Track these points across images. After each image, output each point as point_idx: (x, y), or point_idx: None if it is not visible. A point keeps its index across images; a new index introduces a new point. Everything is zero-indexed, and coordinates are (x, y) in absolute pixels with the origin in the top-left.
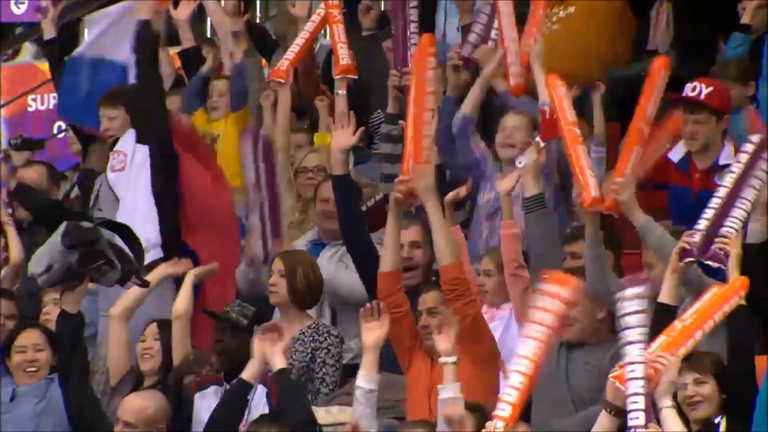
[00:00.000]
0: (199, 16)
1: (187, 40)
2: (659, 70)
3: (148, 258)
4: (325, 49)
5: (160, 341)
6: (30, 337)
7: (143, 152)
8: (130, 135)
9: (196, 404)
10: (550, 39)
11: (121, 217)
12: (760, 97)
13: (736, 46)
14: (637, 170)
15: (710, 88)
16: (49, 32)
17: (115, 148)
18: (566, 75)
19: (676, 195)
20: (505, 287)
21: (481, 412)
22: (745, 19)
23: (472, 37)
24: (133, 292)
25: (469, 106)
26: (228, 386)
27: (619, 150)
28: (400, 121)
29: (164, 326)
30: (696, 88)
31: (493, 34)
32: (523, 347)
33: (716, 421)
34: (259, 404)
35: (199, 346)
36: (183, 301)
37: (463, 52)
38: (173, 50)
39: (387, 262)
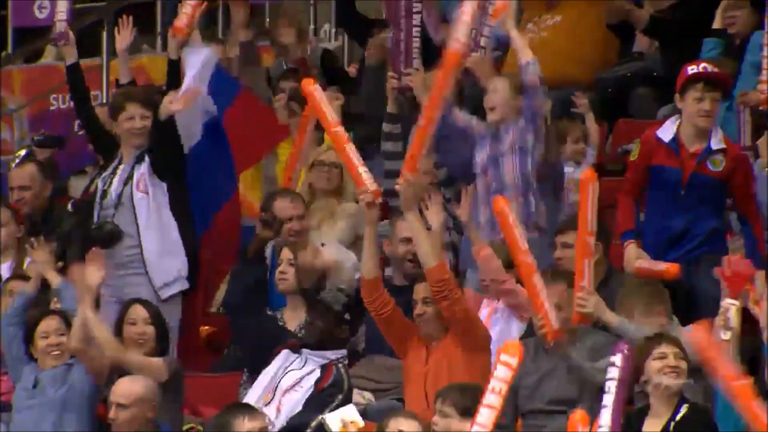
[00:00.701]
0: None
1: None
2: (587, 183)
3: (174, 289)
4: (319, 50)
5: (153, 325)
6: (51, 324)
7: (163, 191)
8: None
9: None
10: (540, 45)
11: (149, 243)
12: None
13: (709, 50)
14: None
15: (716, 69)
16: (70, 56)
17: (141, 170)
18: (556, 78)
19: (663, 174)
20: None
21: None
22: (716, 24)
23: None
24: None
25: None
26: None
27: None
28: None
29: (150, 307)
30: (709, 69)
31: (483, 41)
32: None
33: None
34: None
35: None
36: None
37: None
38: None
39: (369, 269)
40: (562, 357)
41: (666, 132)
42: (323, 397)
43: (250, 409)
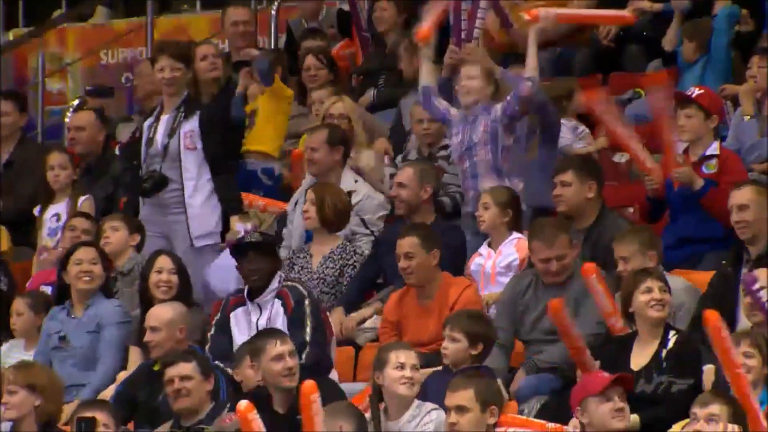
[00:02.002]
0: None
1: None
2: None
3: (208, 241)
4: (334, 11)
5: (177, 275)
6: (86, 252)
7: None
8: (197, 119)
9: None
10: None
11: (192, 194)
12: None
13: None
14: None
15: (701, 91)
16: None
17: (189, 127)
18: (556, 37)
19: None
20: (500, 221)
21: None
22: None
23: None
24: None
25: (425, 78)
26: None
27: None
28: None
29: (175, 258)
30: (690, 91)
31: (476, 32)
32: None
33: None
34: (277, 317)
35: None
36: None
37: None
38: None
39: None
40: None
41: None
42: (297, 316)
43: (281, 334)
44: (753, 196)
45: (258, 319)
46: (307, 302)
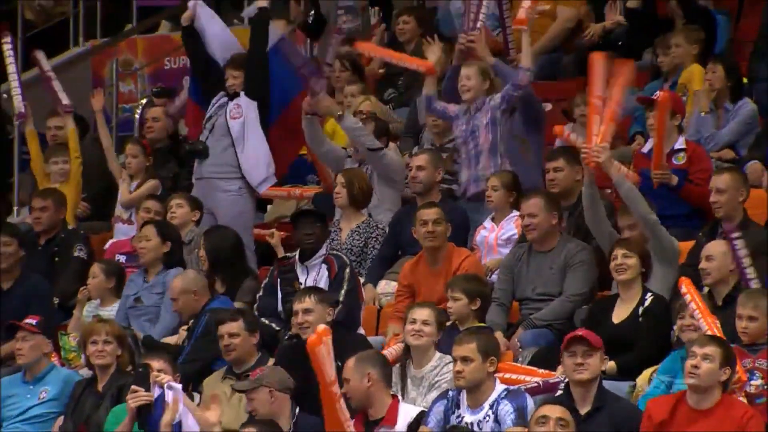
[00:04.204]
0: None
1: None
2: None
3: (268, 184)
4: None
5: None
6: (144, 230)
7: (253, 109)
8: (243, 94)
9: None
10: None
11: (242, 153)
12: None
13: None
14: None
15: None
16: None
17: (236, 101)
18: (546, 45)
19: (644, 174)
20: (506, 200)
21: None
22: None
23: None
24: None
25: (426, 89)
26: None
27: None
28: None
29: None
30: (656, 95)
31: (479, 24)
32: None
33: None
34: (321, 279)
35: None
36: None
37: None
38: None
39: None
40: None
41: (646, 147)
42: (338, 280)
43: (304, 293)
44: (730, 182)
45: (306, 279)
46: (347, 270)
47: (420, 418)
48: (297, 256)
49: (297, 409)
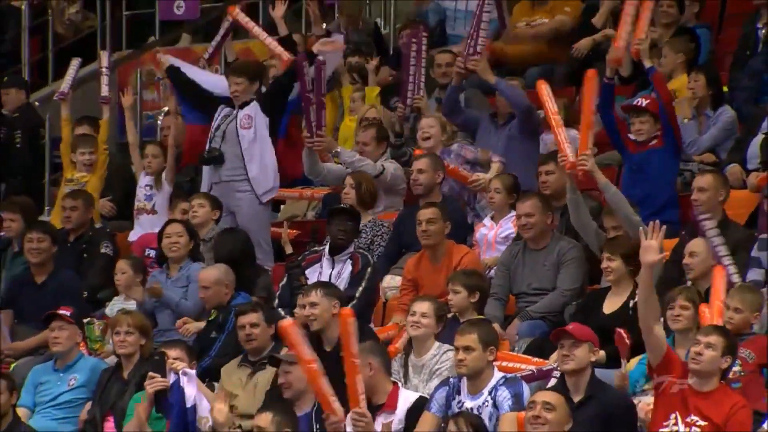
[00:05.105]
0: (294, 15)
1: (282, 31)
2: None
3: (271, 195)
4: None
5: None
6: (174, 228)
7: (263, 120)
8: (255, 105)
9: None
10: (532, 36)
11: (251, 162)
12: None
13: None
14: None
15: (648, 101)
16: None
17: (246, 111)
18: (542, 57)
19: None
20: (506, 202)
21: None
22: None
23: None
24: None
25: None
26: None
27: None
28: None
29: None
30: (639, 101)
31: (479, 48)
32: None
33: None
34: (344, 273)
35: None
36: None
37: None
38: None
39: None
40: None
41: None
42: (359, 277)
43: (313, 288)
44: (712, 182)
45: (331, 273)
46: (369, 269)
47: (419, 404)
48: (327, 249)
49: None
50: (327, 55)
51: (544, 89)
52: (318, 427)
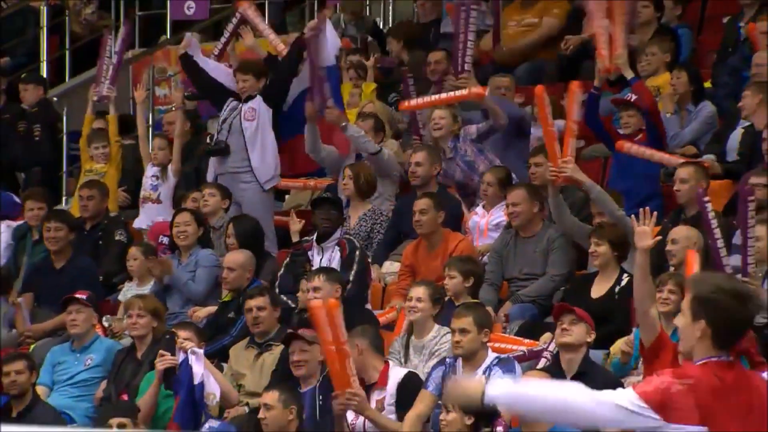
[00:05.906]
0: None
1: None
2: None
3: (273, 183)
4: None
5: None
6: (182, 217)
7: (267, 111)
8: (258, 98)
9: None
10: (522, 34)
11: (253, 152)
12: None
13: None
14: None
15: (636, 96)
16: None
17: (250, 104)
18: (531, 55)
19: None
20: (500, 193)
21: (473, 260)
22: None
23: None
24: None
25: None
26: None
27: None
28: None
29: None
30: (629, 96)
31: (467, 65)
32: None
33: None
34: (334, 259)
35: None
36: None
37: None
38: None
39: None
40: None
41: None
42: (348, 261)
43: (313, 273)
44: (693, 173)
45: (321, 259)
46: (357, 252)
47: (407, 379)
48: (314, 238)
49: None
50: (319, 36)
51: (544, 103)
52: (321, 402)
